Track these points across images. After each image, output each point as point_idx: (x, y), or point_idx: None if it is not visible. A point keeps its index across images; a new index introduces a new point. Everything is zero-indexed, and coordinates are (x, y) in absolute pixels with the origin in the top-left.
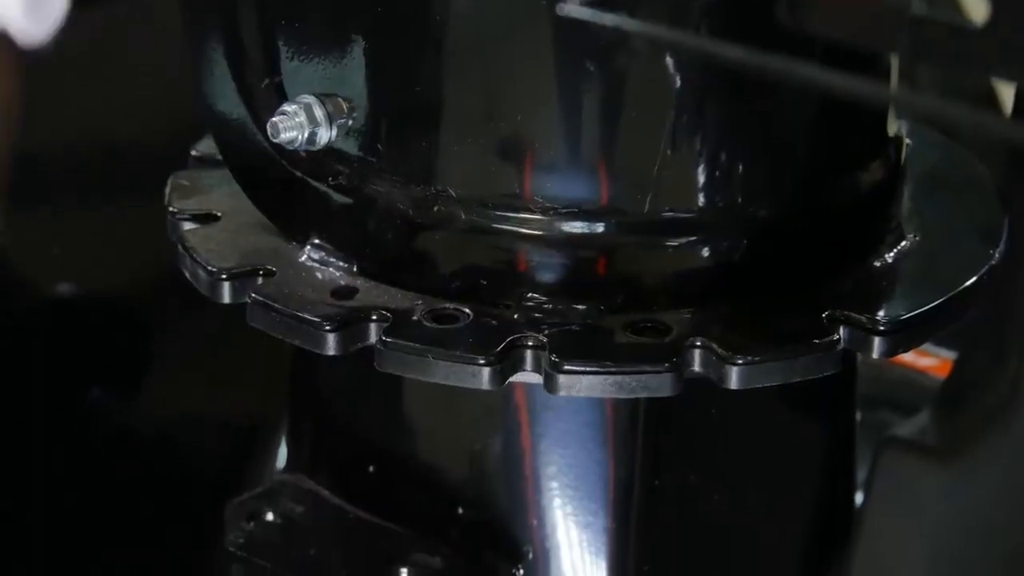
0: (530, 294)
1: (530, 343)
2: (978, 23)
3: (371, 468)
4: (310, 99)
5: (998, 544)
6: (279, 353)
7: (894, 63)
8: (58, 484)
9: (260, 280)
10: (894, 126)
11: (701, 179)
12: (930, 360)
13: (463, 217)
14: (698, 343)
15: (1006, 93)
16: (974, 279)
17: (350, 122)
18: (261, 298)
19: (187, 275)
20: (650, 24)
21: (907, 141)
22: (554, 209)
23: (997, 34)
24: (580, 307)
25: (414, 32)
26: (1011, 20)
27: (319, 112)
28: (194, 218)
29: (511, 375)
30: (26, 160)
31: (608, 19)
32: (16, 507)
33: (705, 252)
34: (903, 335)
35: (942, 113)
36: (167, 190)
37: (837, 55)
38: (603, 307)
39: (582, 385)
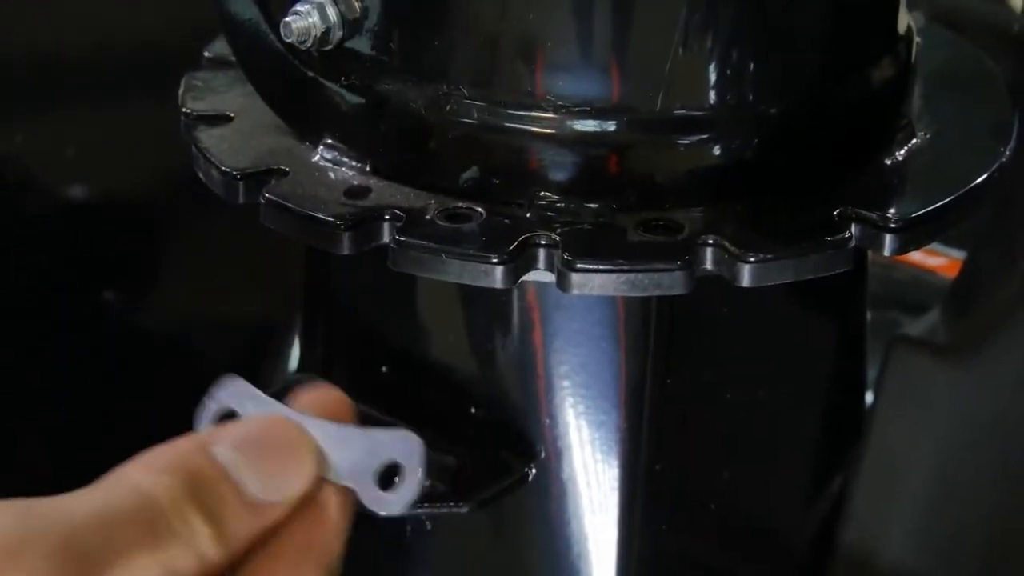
0: (542, 193)
1: (543, 241)
2: None
3: (384, 368)
4: None
5: (1007, 441)
6: (292, 254)
7: None
8: (71, 385)
9: (274, 180)
10: (904, 23)
11: (713, 77)
12: (940, 260)
13: (475, 116)
14: (710, 241)
15: None
16: (985, 176)
17: (363, 21)
18: (275, 198)
19: (200, 176)
20: None
21: (917, 39)
22: (566, 107)
23: None
24: (592, 206)
25: None
26: None
27: (331, 11)
28: (207, 119)
29: (524, 273)
30: (40, 61)
31: None
32: (30, 407)
33: (717, 150)
34: (914, 232)
35: (954, 5)
36: (180, 91)
37: None
38: (615, 205)
39: (594, 283)
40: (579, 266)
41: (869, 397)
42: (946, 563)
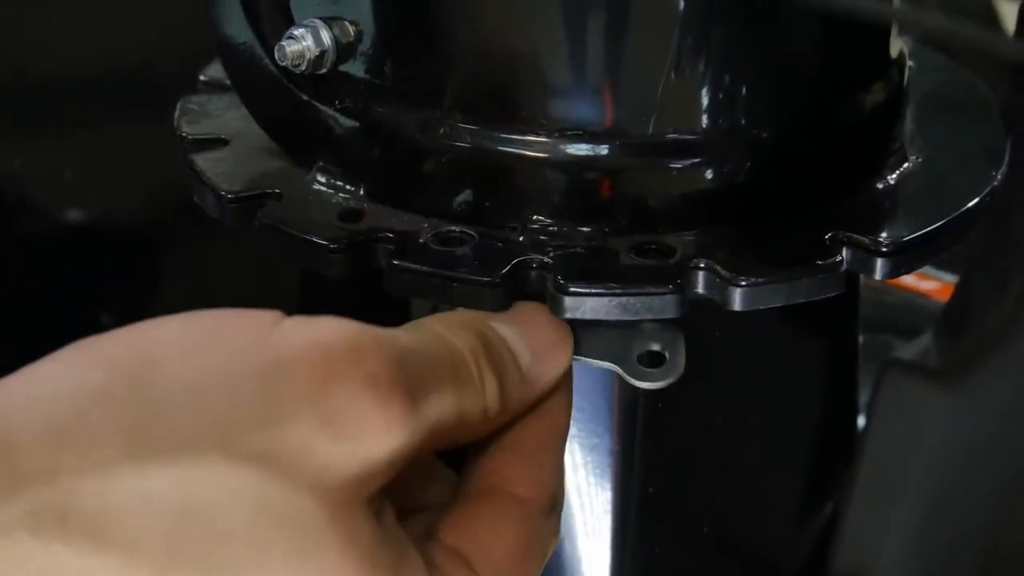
0: (535, 216)
1: (535, 265)
2: None
3: None
4: (317, 22)
5: (1000, 466)
6: (289, 273)
7: None
8: None
9: (268, 203)
10: (896, 48)
11: (705, 101)
12: (932, 283)
13: (469, 140)
14: (702, 265)
15: (1008, 12)
16: (976, 200)
17: (357, 45)
18: (269, 221)
19: (196, 199)
20: None
21: (909, 63)
22: (559, 131)
23: None
24: (585, 229)
25: None
26: None
27: (326, 35)
28: (203, 142)
29: (516, 297)
30: (37, 84)
31: None
32: None
33: (709, 174)
34: (906, 256)
35: (945, 31)
36: (176, 114)
37: None
38: (608, 229)
39: (587, 307)
40: (572, 289)
41: (861, 420)
42: None
